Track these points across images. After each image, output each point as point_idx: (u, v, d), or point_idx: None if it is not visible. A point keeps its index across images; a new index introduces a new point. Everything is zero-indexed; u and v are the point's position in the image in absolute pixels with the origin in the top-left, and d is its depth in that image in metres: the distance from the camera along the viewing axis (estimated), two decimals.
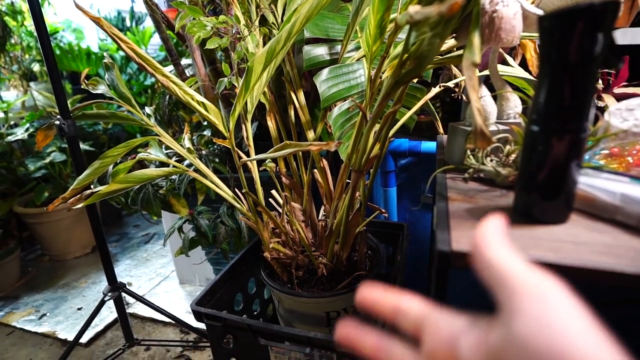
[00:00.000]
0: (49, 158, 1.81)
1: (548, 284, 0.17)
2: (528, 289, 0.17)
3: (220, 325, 0.62)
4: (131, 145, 0.80)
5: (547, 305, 0.16)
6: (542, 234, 0.33)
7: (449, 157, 0.53)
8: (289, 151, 0.54)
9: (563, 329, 0.15)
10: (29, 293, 1.73)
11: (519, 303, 0.17)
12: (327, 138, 0.98)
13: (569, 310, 0.16)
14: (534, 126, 0.34)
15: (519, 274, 0.18)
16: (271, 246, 0.72)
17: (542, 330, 0.16)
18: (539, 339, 0.16)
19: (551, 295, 0.17)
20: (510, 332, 0.17)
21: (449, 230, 0.34)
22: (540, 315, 0.16)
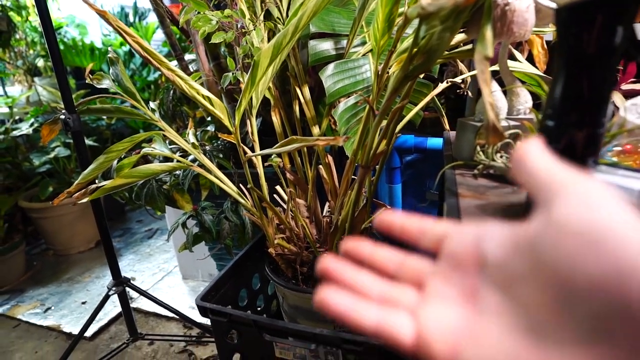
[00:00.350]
0: (53, 153, 1.81)
1: (593, 181, 0.16)
2: (572, 183, 0.16)
3: (225, 320, 0.62)
4: (135, 140, 0.80)
5: (594, 197, 0.15)
6: None
7: (457, 153, 0.53)
8: (296, 146, 0.54)
9: (606, 212, 0.14)
10: (34, 287, 1.74)
11: (565, 195, 0.16)
12: (331, 134, 0.98)
13: (613, 200, 0.15)
14: (549, 121, 0.33)
15: (563, 174, 0.17)
16: (276, 242, 0.71)
17: (584, 211, 0.14)
18: (580, 219, 0.14)
19: (596, 188, 0.15)
20: (550, 217, 0.15)
21: None
22: (587, 202, 0.15)
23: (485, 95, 0.38)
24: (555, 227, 0.15)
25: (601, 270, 0.13)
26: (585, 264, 0.13)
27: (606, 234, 0.13)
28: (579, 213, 0.14)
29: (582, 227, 0.14)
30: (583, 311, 0.13)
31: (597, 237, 0.14)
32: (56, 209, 1.88)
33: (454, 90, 1.22)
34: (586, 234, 0.14)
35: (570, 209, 0.15)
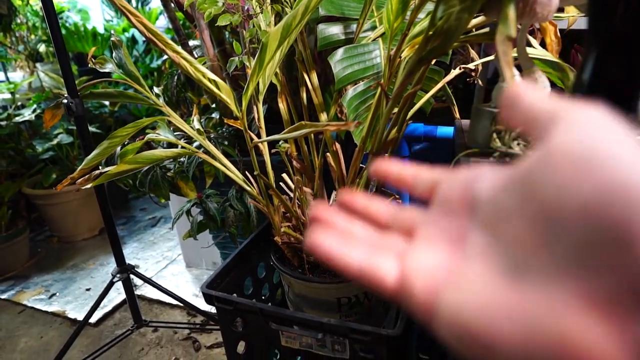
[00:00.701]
0: (56, 140, 1.80)
1: (595, 109, 0.14)
2: (573, 114, 0.14)
3: (231, 308, 0.61)
4: (140, 125, 0.79)
5: (592, 122, 0.14)
6: None
7: (472, 141, 0.51)
8: (305, 131, 0.52)
9: (605, 139, 0.13)
10: (39, 273, 1.75)
11: (561, 122, 0.14)
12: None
13: (614, 128, 0.13)
14: None
15: (563, 104, 0.15)
16: (282, 230, 0.70)
17: (583, 138, 0.13)
18: (575, 146, 0.13)
19: (597, 116, 0.14)
20: (545, 148, 0.14)
21: None
22: (584, 128, 0.14)
23: (507, 78, 0.37)
24: (549, 157, 0.14)
25: (593, 193, 0.12)
26: (577, 189, 0.12)
27: (604, 159, 0.12)
28: (574, 140, 0.13)
29: (577, 153, 0.13)
30: (568, 242, 0.12)
31: (593, 162, 0.12)
32: (60, 195, 1.88)
33: (463, 80, 1.20)
34: (581, 160, 0.13)
35: (566, 137, 0.14)
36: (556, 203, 0.13)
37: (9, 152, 1.84)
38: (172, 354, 1.22)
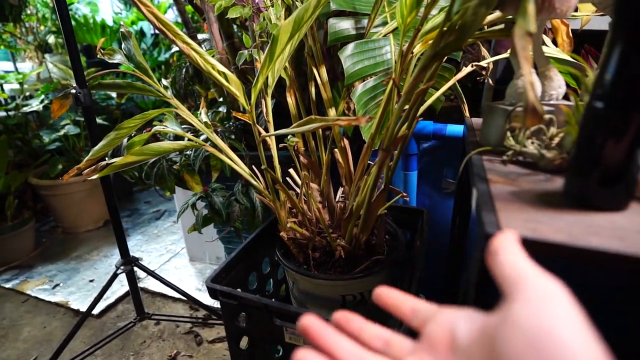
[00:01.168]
0: (63, 131, 1.81)
1: (553, 284, 0.18)
2: (534, 284, 0.18)
3: (235, 303, 0.60)
4: (147, 117, 0.78)
5: (548, 298, 0.17)
6: (600, 222, 0.30)
7: (484, 139, 0.50)
8: (315, 126, 0.51)
9: (558, 319, 0.16)
10: (43, 263, 1.76)
11: (523, 293, 0.18)
12: None
13: (567, 307, 0.17)
14: (598, 102, 0.31)
15: (528, 273, 0.19)
16: (288, 226, 0.70)
17: (538, 315, 0.16)
18: (533, 322, 0.16)
19: (553, 293, 0.18)
20: (509, 313, 0.17)
21: (495, 212, 0.31)
22: (540, 304, 0.17)
23: (525, 74, 0.36)
24: (510, 325, 0.17)
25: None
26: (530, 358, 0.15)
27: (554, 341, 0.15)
28: (533, 316, 0.17)
29: (532, 330, 0.16)
30: None
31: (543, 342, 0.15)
32: (65, 186, 1.89)
33: (472, 79, 1.18)
34: (534, 337, 0.16)
35: (526, 311, 0.17)
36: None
37: (16, 142, 1.85)
38: (174, 347, 1.22)
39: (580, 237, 0.27)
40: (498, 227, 0.29)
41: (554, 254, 0.27)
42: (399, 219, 0.84)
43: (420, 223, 0.82)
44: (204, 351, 1.19)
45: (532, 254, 0.26)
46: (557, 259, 0.26)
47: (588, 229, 0.29)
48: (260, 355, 0.67)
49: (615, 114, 0.30)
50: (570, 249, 0.26)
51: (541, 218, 0.30)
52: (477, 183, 0.38)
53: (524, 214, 0.31)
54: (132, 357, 1.19)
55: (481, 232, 0.29)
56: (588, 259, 0.26)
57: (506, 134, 0.46)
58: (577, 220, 0.30)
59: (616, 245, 0.26)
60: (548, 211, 0.32)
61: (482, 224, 0.29)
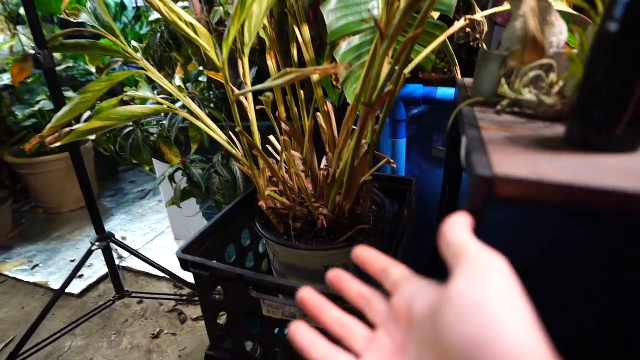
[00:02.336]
0: (38, 106, 1.72)
1: (493, 259, 0.19)
2: (473, 260, 0.19)
3: (207, 274, 0.56)
4: (114, 79, 0.72)
5: (485, 274, 0.18)
6: (611, 164, 0.25)
7: (477, 91, 0.45)
8: (291, 77, 0.46)
9: (492, 295, 0.17)
10: (22, 244, 1.70)
11: (463, 268, 0.19)
12: (331, 91, 0.89)
13: (503, 283, 0.18)
14: (612, 24, 0.26)
15: (470, 249, 0.20)
16: (267, 193, 0.65)
17: (473, 290, 0.17)
18: (468, 297, 0.17)
19: (492, 268, 0.18)
20: (449, 289, 0.18)
21: (487, 154, 0.26)
22: (476, 279, 0.18)
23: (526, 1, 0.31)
24: (450, 300, 0.18)
25: (472, 340, 0.16)
26: (462, 334, 0.16)
27: (484, 316, 0.16)
28: (469, 292, 0.17)
29: (466, 305, 0.17)
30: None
31: (476, 317, 0.16)
32: (43, 165, 1.81)
33: (465, 50, 1.12)
34: (467, 312, 0.17)
35: (464, 287, 0.18)
36: (448, 337, 0.17)
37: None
38: (157, 325, 1.18)
39: (588, 178, 0.23)
40: (490, 168, 0.24)
41: (557, 198, 0.22)
42: (387, 189, 0.80)
43: (409, 193, 0.78)
44: (187, 329, 1.16)
45: (532, 199, 0.22)
46: (556, 208, 0.22)
47: (596, 170, 0.24)
48: (238, 331, 0.64)
49: (632, 38, 0.25)
50: (579, 190, 0.22)
51: (541, 160, 0.26)
52: (467, 130, 0.33)
53: (521, 156, 0.27)
54: (114, 336, 1.16)
55: (471, 175, 0.25)
56: (598, 202, 0.22)
57: (501, 82, 0.42)
58: (582, 162, 0.26)
59: (633, 184, 0.22)
60: (549, 154, 0.27)
61: (472, 165, 0.25)
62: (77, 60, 2.06)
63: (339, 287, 0.27)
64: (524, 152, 0.27)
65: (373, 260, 0.27)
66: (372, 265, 0.27)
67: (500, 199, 0.23)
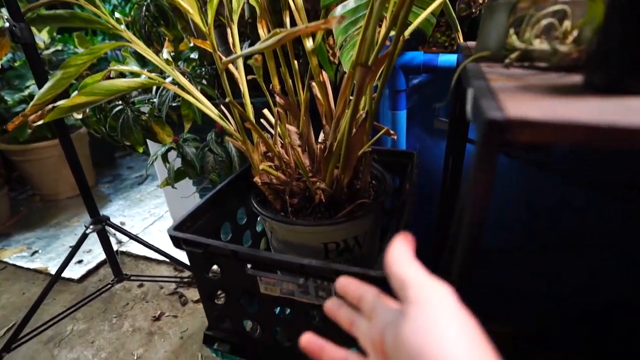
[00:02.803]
0: (27, 91, 1.68)
1: (438, 294, 0.20)
2: (420, 297, 0.20)
3: (200, 251, 0.54)
4: (97, 52, 0.68)
5: (431, 312, 0.19)
6: (636, 105, 0.22)
7: (482, 46, 0.42)
8: (281, 37, 0.42)
9: (439, 334, 0.18)
10: (20, 231, 1.69)
11: (411, 308, 0.20)
12: (328, 66, 0.85)
13: (450, 318, 0.19)
14: None
15: (416, 284, 0.21)
16: (261, 168, 0.62)
17: (420, 333, 0.19)
18: (417, 341, 0.18)
19: (438, 305, 0.19)
20: (399, 332, 0.20)
21: (497, 100, 0.23)
22: (423, 321, 0.19)
23: None
24: (400, 344, 0.19)
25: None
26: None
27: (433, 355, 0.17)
28: (416, 335, 0.19)
29: (417, 348, 0.18)
30: None
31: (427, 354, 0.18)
32: (37, 151, 1.78)
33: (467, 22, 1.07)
34: (419, 353, 0.18)
35: (411, 330, 0.19)
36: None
37: None
38: (158, 308, 1.18)
39: (615, 117, 0.20)
40: (502, 111, 0.21)
41: (581, 139, 0.19)
42: (387, 163, 0.77)
43: (410, 166, 0.75)
44: (189, 311, 1.16)
45: (553, 140, 0.19)
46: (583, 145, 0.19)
47: (622, 110, 0.21)
48: (236, 310, 0.62)
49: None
50: (605, 129, 0.19)
51: (559, 103, 0.23)
52: (474, 81, 0.30)
53: (535, 101, 0.23)
54: (115, 319, 1.15)
55: (480, 122, 0.22)
56: (626, 141, 0.19)
57: (509, 33, 0.38)
58: (606, 104, 0.23)
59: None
60: (567, 98, 0.24)
61: (482, 111, 0.22)
62: (67, 44, 2.00)
63: (334, 315, 0.29)
64: (539, 98, 0.24)
65: (350, 290, 0.28)
66: (350, 295, 0.28)
67: (516, 145, 0.20)
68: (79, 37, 2.03)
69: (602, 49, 0.26)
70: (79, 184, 0.95)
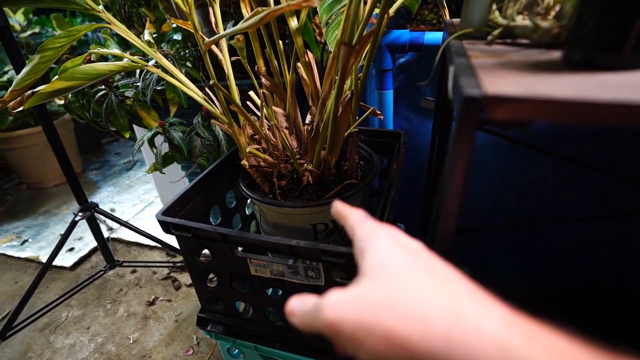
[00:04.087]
0: (6, 76, 1.62)
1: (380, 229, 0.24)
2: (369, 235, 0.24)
3: (189, 235, 0.54)
4: (74, 34, 0.66)
5: (378, 242, 0.23)
6: (616, 79, 0.23)
7: (466, 23, 0.41)
8: (263, 16, 0.42)
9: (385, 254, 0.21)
10: (9, 220, 1.67)
11: (364, 243, 0.24)
12: (314, 46, 0.84)
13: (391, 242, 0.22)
14: None
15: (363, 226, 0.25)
16: (248, 150, 0.62)
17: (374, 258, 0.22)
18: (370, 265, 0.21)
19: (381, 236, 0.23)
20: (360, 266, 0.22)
21: (476, 77, 0.23)
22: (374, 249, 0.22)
23: None
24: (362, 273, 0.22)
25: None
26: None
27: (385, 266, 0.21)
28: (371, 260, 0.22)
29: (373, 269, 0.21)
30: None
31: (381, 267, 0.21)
32: (21, 139, 1.74)
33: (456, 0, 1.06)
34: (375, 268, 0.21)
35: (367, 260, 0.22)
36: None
37: None
38: (152, 293, 1.19)
39: (591, 93, 0.20)
40: (480, 88, 0.21)
41: (558, 116, 0.20)
42: (375, 144, 0.77)
43: (397, 145, 0.75)
44: (182, 295, 1.17)
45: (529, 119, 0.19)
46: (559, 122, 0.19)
47: (599, 86, 0.21)
48: (228, 292, 0.63)
49: None
50: (582, 105, 0.19)
51: (538, 80, 0.23)
52: (455, 59, 0.30)
53: (514, 77, 0.24)
54: (110, 305, 1.16)
55: (459, 99, 0.22)
56: (604, 116, 0.19)
57: (492, 9, 0.38)
58: (584, 80, 0.23)
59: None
60: (545, 75, 0.24)
61: (460, 88, 0.22)
62: (44, 26, 1.93)
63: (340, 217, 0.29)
64: (518, 74, 0.24)
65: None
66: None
67: (493, 122, 0.21)
68: (57, 19, 1.96)
69: (579, 25, 0.26)
70: (64, 171, 0.93)
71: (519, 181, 0.79)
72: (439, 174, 0.74)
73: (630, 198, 0.73)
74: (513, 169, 0.79)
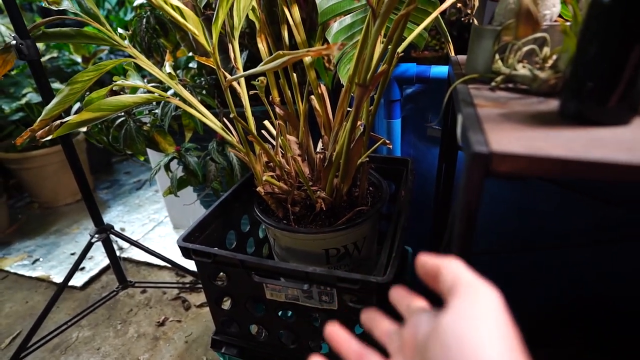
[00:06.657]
0: (24, 99, 1.68)
1: (484, 291, 0.20)
2: (466, 291, 0.20)
3: (209, 261, 0.57)
4: (102, 69, 0.70)
5: (474, 306, 0.19)
6: (605, 135, 0.26)
7: (470, 67, 0.45)
8: (283, 61, 0.46)
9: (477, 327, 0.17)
10: (20, 239, 1.70)
11: (456, 300, 0.20)
12: (324, 73, 0.88)
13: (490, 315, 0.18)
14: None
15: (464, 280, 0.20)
16: (264, 179, 0.65)
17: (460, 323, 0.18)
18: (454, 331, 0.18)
19: (481, 300, 0.19)
20: (439, 321, 0.19)
21: (483, 132, 0.27)
22: (465, 312, 0.19)
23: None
24: (437, 331, 0.19)
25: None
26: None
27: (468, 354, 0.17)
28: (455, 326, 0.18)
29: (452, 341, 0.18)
30: None
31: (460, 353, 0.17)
32: (36, 159, 1.79)
33: (457, 26, 1.11)
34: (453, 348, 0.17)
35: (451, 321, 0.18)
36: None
37: None
38: (162, 313, 1.20)
39: (582, 151, 0.23)
40: (487, 145, 0.24)
41: (552, 173, 0.23)
42: (383, 170, 0.80)
43: (405, 172, 0.78)
44: (192, 315, 1.18)
45: (528, 174, 0.22)
46: (555, 177, 0.22)
47: (590, 143, 0.25)
48: (242, 315, 0.65)
49: (626, 11, 0.25)
50: (572, 163, 0.22)
51: (536, 136, 0.26)
52: (463, 108, 0.33)
53: (516, 132, 0.27)
54: (120, 326, 1.18)
55: (468, 153, 0.25)
56: (591, 174, 0.22)
57: (494, 58, 0.42)
58: (576, 136, 0.26)
59: (624, 156, 0.22)
60: (543, 129, 0.27)
61: (470, 143, 0.25)
62: (62, 50, 2.01)
63: (370, 326, 0.28)
64: (519, 129, 0.28)
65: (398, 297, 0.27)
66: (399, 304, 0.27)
67: (497, 175, 0.24)
68: (75, 44, 2.04)
69: (573, 81, 0.29)
70: (83, 193, 0.97)
71: (519, 206, 0.82)
72: (445, 199, 0.77)
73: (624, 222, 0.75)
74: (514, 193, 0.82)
